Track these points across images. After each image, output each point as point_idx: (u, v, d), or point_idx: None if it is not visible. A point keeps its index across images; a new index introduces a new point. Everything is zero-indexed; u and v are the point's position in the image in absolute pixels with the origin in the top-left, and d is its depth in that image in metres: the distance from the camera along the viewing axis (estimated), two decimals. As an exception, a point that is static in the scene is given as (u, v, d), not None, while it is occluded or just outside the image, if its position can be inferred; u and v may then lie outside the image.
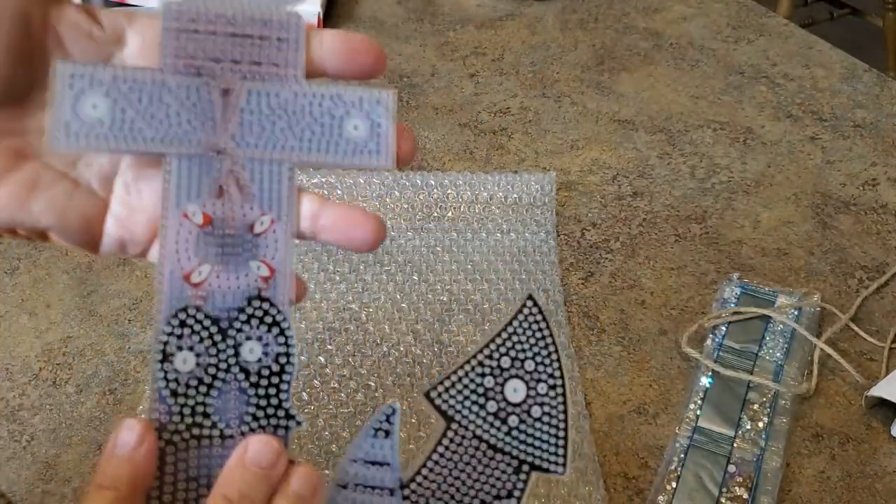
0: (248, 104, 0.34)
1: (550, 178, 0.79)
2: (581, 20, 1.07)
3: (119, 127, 0.32)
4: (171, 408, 0.33)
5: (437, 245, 0.74)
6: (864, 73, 0.97)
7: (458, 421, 0.35)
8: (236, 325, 0.33)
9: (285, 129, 0.34)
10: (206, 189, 0.33)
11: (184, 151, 0.33)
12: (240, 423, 0.33)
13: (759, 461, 0.59)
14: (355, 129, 0.34)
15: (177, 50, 0.33)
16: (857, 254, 0.75)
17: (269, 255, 0.34)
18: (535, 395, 0.36)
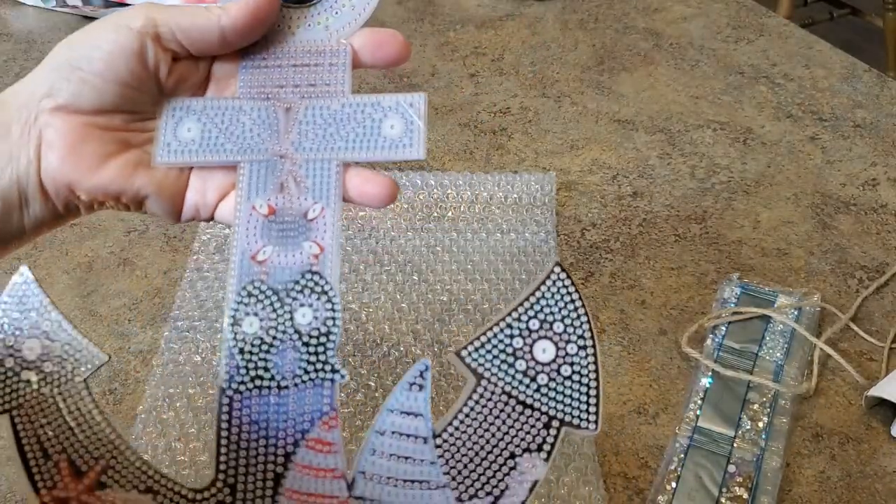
0: (305, 117, 0.42)
1: (550, 178, 0.79)
2: (581, 20, 1.07)
3: (206, 144, 0.42)
4: (238, 363, 0.39)
5: (437, 245, 0.74)
6: (864, 73, 0.97)
7: (488, 378, 0.38)
8: (292, 295, 0.39)
9: (334, 134, 0.41)
10: (271, 186, 0.41)
11: (254, 158, 0.41)
12: (293, 377, 0.39)
13: (759, 461, 0.59)
14: (392, 128, 0.41)
15: (251, 81, 0.42)
16: (857, 254, 0.75)
17: (319, 236, 0.40)
18: (565, 354, 0.38)
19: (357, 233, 0.74)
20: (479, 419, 0.38)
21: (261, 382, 0.38)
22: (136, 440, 0.59)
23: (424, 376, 0.38)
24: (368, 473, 0.38)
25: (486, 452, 0.37)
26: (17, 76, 0.95)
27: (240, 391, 0.38)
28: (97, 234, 0.75)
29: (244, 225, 0.40)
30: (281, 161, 0.41)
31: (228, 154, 0.41)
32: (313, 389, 0.39)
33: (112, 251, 0.74)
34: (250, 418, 0.38)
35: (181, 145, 0.41)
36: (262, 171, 0.41)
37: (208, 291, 0.69)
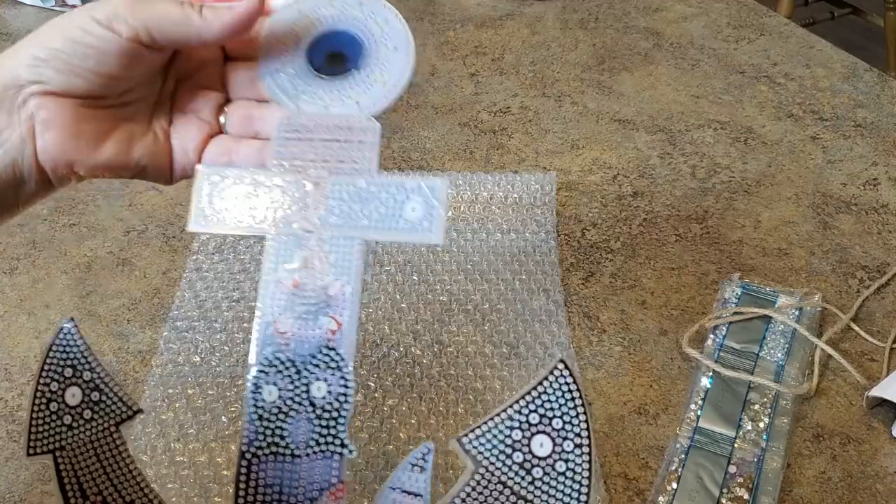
0: (333, 193, 0.43)
1: (551, 178, 0.79)
2: (581, 20, 1.07)
3: (237, 213, 0.43)
4: (257, 429, 0.41)
5: (436, 245, 0.74)
6: (865, 73, 0.97)
7: (486, 467, 0.39)
8: (309, 368, 0.41)
9: (359, 212, 0.43)
10: (297, 260, 0.42)
11: (282, 231, 0.42)
12: (306, 447, 0.41)
13: (760, 462, 0.58)
14: (413, 210, 0.42)
15: (284, 153, 0.43)
16: (857, 254, 0.75)
17: (338, 312, 0.42)
18: (561, 451, 0.39)
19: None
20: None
21: (276, 449, 0.41)
22: (135, 440, 0.59)
23: (426, 458, 0.40)
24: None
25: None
26: (16, 76, 0.95)
27: (257, 455, 0.41)
28: (96, 234, 0.75)
29: (268, 296, 0.42)
30: (307, 236, 0.43)
31: (258, 225, 0.43)
32: (323, 461, 0.41)
33: (111, 251, 0.74)
34: (265, 482, 0.40)
35: (215, 213, 0.43)
36: (290, 245, 0.42)
37: (207, 292, 0.69)
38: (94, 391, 0.42)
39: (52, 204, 0.78)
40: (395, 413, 0.61)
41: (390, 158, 0.83)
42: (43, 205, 0.77)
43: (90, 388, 0.42)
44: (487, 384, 0.63)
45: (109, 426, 0.42)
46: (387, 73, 0.45)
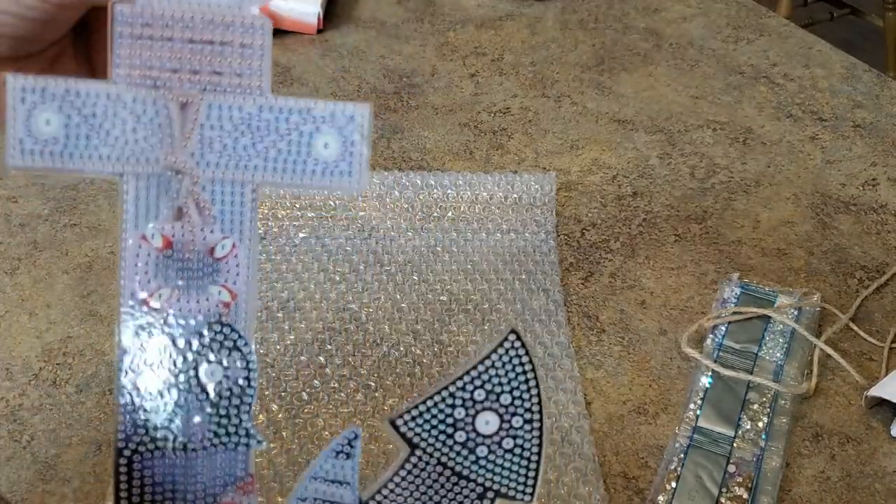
0: (209, 119, 0.32)
1: (550, 178, 0.79)
2: (581, 20, 1.07)
3: (74, 145, 0.31)
4: (135, 422, 0.33)
5: (437, 245, 0.74)
6: (864, 74, 0.97)
7: (423, 448, 0.35)
8: (196, 349, 0.33)
9: (248, 147, 0.32)
10: (165, 211, 0.32)
11: (140, 171, 0.32)
12: (201, 440, 0.34)
13: (759, 461, 0.59)
14: (325, 147, 0.32)
15: (130, 59, 0.31)
16: (856, 254, 0.75)
17: (230, 279, 0.33)
18: (510, 427, 0.35)
19: (357, 233, 0.74)
20: (409, 489, 0.35)
21: (163, 444, 0.33)
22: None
23: (353, 444, 0.35)
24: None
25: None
26: (17, 76, 0.95)
27: (139, 451, 0.33)
28: (97, 234, 0.76)
29: (132, 260, 0.32)
30: (177, 178, 0.32)
31: (105, 162, 0.32)
32: (225, 454, 0.34)
33: (112, 251, 0.74)
34: (153, 479, 0.34)
35: (38, 144, 0.31)
36: (153, 190, 0.32)
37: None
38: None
39: (53, 204, 0.78)
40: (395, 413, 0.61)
41: (390, 158, 0.83)
42: (44, 205, 0.78)
43: None
44: (487, 384, 0.63)
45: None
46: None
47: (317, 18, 1.02)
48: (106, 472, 0.57)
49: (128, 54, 0.31)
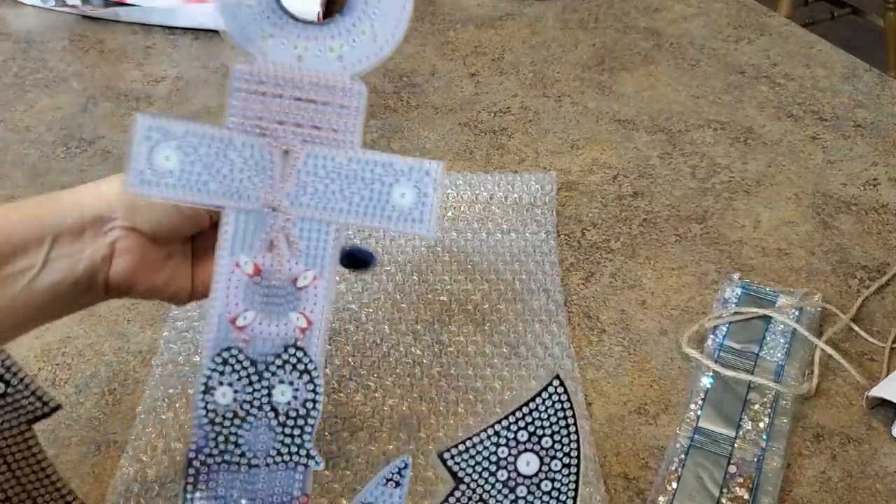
0: (306, 166, 0.36)
1: (551, 177, 0.79)
2: (581, 20, 1.07)
3: (187, 179, 0.36)
4: (207, 434, 0.37)
5: (437, 245, 0.74)
6: (865, 73, 0.97)
7: (468, 483, 0.37)
8: (272, 369, 0.36)
9: (336, 192, 0.36)
10: (259, 242, 0.37)
11: (242, 206, 0.36)
12: (265, 457, 0.37)
13: (760, 462, 0.58)
14: (402, 196, 0.37)
15: (244, 110, 0.36)
16: (857, 254, 0.75)
17: (307, 308, 0.37)
18: (548, 470, 0.37)
19: (357, 233, 0.74)
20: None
21: (230, 458, 0.37)
22: (135, 440, 0.59)
23: (403, 473, 0.37)
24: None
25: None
26: (15, 75, 0.95)
27: (206, 463, 0.36)
28: (96, 233, 0.75)
29: (224, 282, 0.37)
30: (273, 214, 0.37)
31: (212, 196, 0.36)
32: (285, 472, 0.37)
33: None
34: (215, 492, 0.36)
35: (156, 176, 0.36)
36: (251, 223, 0.37)
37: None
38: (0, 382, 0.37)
39: (52, 204, 0.78)
40: (394, 413, 0.61)
41: (390, 158, 0.83)
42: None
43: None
44: (488, 384, 0.63)
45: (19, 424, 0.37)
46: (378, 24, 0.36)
47: (317, 17, 1.02)
48: (105, 472, 0.57)
49: (242, 106, 0.36)
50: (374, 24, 0.36)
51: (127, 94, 0.93)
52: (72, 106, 0.91)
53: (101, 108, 0.90)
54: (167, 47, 1.00)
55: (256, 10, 0.36)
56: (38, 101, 0.91)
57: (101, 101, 0.91)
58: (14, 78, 0.95)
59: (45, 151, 0.84)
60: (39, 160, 0.83)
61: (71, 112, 0.90)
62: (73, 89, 0.93)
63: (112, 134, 0.87)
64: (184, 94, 0.93)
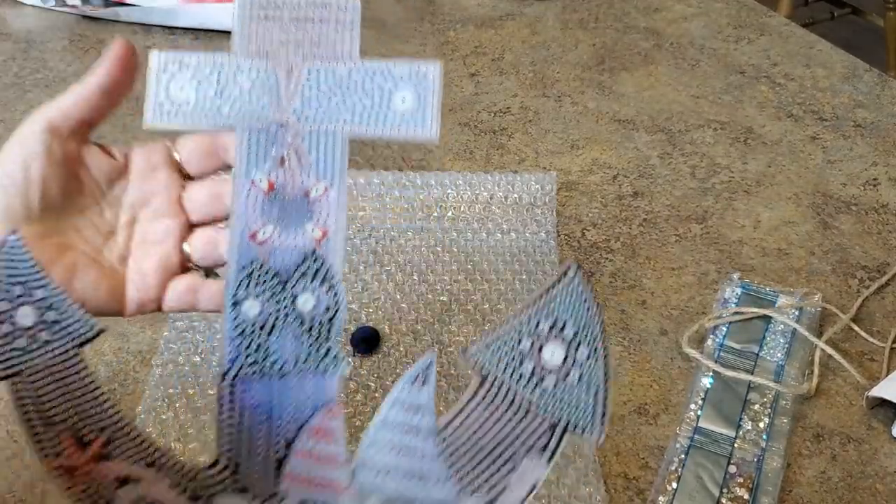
0: (309, 81, 0.38)
1: (551, 177, 0.79)
2: (581, 20, 1.07)
3: (201, 106, 0.38)
4: (238, 347, 0.38)
5: (437, 245, 0.74)
6: (865, 73, 0.97)
7: (493, 378, 0.37)
8: (294, 279, 0.38)
9: (340, 104, 0.38)
10: (271, 159, 0.38)
11: (253, 125, 0.38)
12: (294, 364, 0.38)
13: (760, 462, 0.58)
14: (403, 101, 0.38)
15: (248, 36, 0.38)
16: (857, 254, 0.75)
17: (322, 218, 0.38)
18: (574, 359, 0.36)
19: (357, 233, 0.74)
20: (482, 418, 0.37)
21: (261, 368, 0.38)
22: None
23: (429, 371, 0.37)
24: (370, 464, 0.37)
25: (488, 451, 0.37)
26: (15, 75, 0.95)
27: (240, 375, 0.38)
28: (96, 234, 0.75)
29: (242, 201, 0.38)
30: (282, 130, 0.38)
31: (225, 119, 0.39)
32: (315, 378, 0.38)
33: (111, 251, 0.74)
34: (251, 402, 0.38)
35: (174, 106, 0.38)
36: (262, 141, 0.38)
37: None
38: (49, 310, 0.37)
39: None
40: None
41: (390, 158, 0.83)
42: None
43: (44, 307, 0.37)
44: (487, 384, 0.63)
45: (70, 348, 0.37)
46: None
47: (317, 18, 1.02)
48: (105, 472, 0.57)
49: (246, 32, 0.38)
50: None
51: (127, 94, 0.92)
52: (72, 106, 0.91)
53: (101, 108, 0.90)
54: (167, 47, 1.00)
55: None
56: (38, 101, 0.91)
57: (101, 101, 0.91)
58: (14, 78, 0.95)
59: (45, 151, 0.84)
60: (39, 160, 0.83)
61: (71, 112, 0.90)
62: (73, 89, 0.93)
63: (112, 134, 0.87)
64: (184, 94, 0.93)
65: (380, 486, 0.37)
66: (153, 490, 0.37)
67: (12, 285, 0.37)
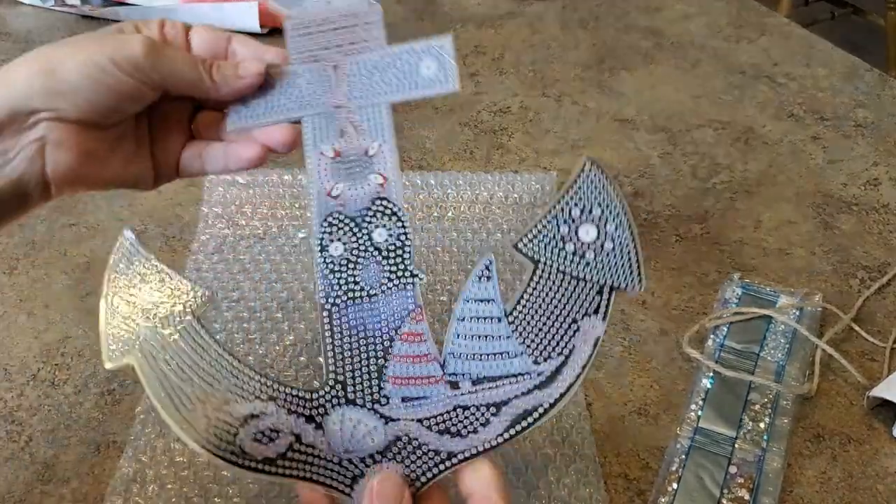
0: (352, 70, 0.49)
1: (551, 177, 0.79)
2: (581, 19, 1.07)
3: (272, 106, 0.49)
4: (331, 281, 0.46)
5: (436, 245, 0.74)
6: (866, 73, 0.97)
7: (544, 261, 0.45)
8: (367, 219, 0.47)
9: (379, 82, 0.49)
10: (333, 133, 0.48)
11: (314, 112, 0.48)
12: (379, 285, 0.46)
13: (761, 462, 0.58)
14: (427, 68, 0.49)
15: (299, 48, 0.49)
16: (858, 254, 0.75)
17: (381, 168, 0.47)
18: (605, 233, 0.45)
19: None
20: (541, 296, 0.45)
21: (353, 294, 0.46)
22: (134, 441, 0.58)
23: (490, 269, 0.45)
24: (457, 353, 0.45)
25: (553, 322, 0.44)
26: (16, 75, 0.95)
27: (336, 304, 0.46)
28: (96, 234, 0.75)
29: (315, 168, 0.48)
30: (338, 111, 0.48)
31: (291, 111, 0.48)
32: (398, 293, 0.46)
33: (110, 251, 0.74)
34: (349, 324, 0.45)
35: (249, 110, 0.49)
36: (324, 122, 0.48)
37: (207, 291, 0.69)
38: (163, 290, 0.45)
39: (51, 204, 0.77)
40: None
41: (390, 158, 0.83)
42: (42, 205, 0.77)
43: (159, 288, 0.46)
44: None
45: (185, 317, 0.45)
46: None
47: None
48: (105, 472, 0.57)
49: (297, 45, 0.49)
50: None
51: (126, 94, 0.92)
52: (71, 105, 0.90)
53: (100, 108, 0.90)
54: (167, 47, 1.00)
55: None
56: (38, 100, 0.91)
57: (101, 101, 0.91)
58: (13, 77, 0.95)
59: (45, 151, 0.84)
60: (39, 160, 0.83)
61: (70, 112, 0.90)
62: (73, 89, 0.93)
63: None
64: (183, 94, 0.93)
65: (467, 370, 0.45)
66: (273, 420, 0.43)
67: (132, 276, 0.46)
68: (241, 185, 0.77)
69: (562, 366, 0.44)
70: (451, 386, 0.44)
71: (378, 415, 0.44)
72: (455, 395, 0.44)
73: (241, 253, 0.73)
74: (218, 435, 0.43)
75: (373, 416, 0.44)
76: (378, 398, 0.44)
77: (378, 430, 0.44)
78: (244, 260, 0.72)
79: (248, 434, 0.43)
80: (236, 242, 0.73)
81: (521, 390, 0.44)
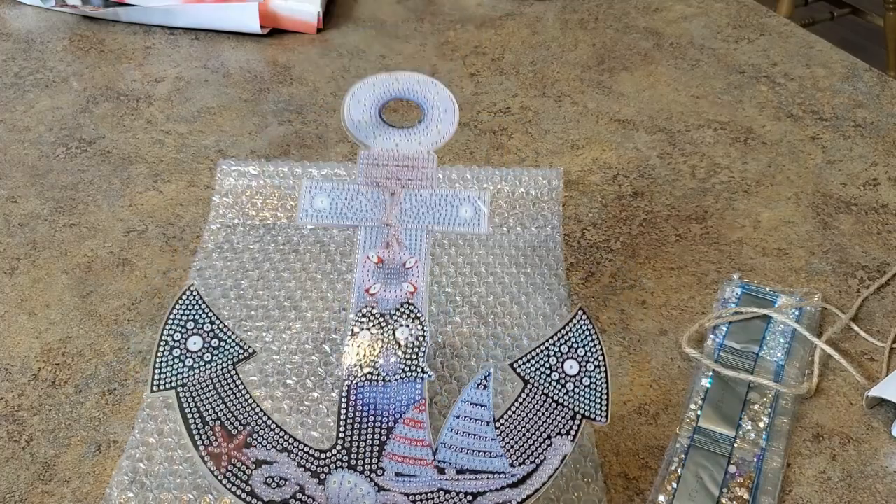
0: (404, 200, 0.60)
1: (558, 172, 0.79)
2: (581, 19, 1.07)
3: (334, 212, 0.60)
4: (355, 363, 0.54)
5: (443, 238, 0.74)
6: (865, 73, 0.97)
7: (532, 383, 0.53)
8: (394, 318, 0.56)
9: (424, 213, 0.60)
10: (380, 244, 0.58)
11: (369, 224, 0.59)
12: (394, 375, 0.54)
13: (760, 461, 0.58)
14: (465, 212, 0.60)
15: (367, 173, 0.60)
16: (857, 254, 0.75)
17: (414, 279, 0.57)
18: (586, 370, 0.53)
19: (357, 233, 0.75)
20: (525, 411, 0.52)
21: (371, 377, 0.54)
22: (134, 441, 0.59)
23: (488, 379, 0.53)
24: (448, 444, 0.52)
25: (531, 434, 0.52)
26: (15, 75, 0.95)
27: (355, 383, 0.54)
28: (96, 234, 0.75)
29: (360, 269, 0.57)
30: (387, 228, 0.59)
31: (349, 220, 0.59)
32: (409, 384, 0.54)
33: (111, 251, 0.74)
34: (363, 401, 0.53)
35: (316, 212, 0.60)
36: (374, 234, 0.59)
37: (206, 291, 0.69)
38: (213, 339, 0.52)
39: (52, 204, 0.78)
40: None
41: (390, 158, 0.83)
42: (43, 205, 0.77)
43: (210, 336, 0.52)
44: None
45: (227, 366, 0.52)
46: (441, 125, 0.60)
47: (317, 18, 1.02)
48: (105, 472, 0.57)
49: (364, 172, 0.60)
50: (438, 125, 0.60)
51: (127, 95, 0.93)
52: (72, 106, 0.91)
53: (101, 109, 0.90)
54: (167, 47, 1.00)
55: (371, 123, 0.60)
56: (38, 101, 0.91)
57: (101, 102, 0.91)
58: (14, 78, 0.95)
59: (45, 151, 0.84)
60: (39, 160, 0.83)
61: (71, 112, 0.90)
62: (73, 89, 0.93)
63: (112, 134, 0.87)
64: (184, 95, 0.93)
65: (454, 460, 0.51)
66: (283, 470, 0.50)
67: (187, 321, 0.52)
68: (252, 175, 0.77)
69: (533, 472, 0.51)
70: (439, 471, 0.51)
71: (373, 483, 0.51)
72: (441, 479, 0.51)
73: (250, 242, 0.73)
74: (234, 472, 0.49)
75: (368, 483, 0.51)
76: (375, 468, 0.51)
77: (370, 496, 0.50)
78: (243, 259, 0.72)
79: (260, 477, 0.50)
80: (246, 232, 0.74)
81: (496, 486, 0.50)
